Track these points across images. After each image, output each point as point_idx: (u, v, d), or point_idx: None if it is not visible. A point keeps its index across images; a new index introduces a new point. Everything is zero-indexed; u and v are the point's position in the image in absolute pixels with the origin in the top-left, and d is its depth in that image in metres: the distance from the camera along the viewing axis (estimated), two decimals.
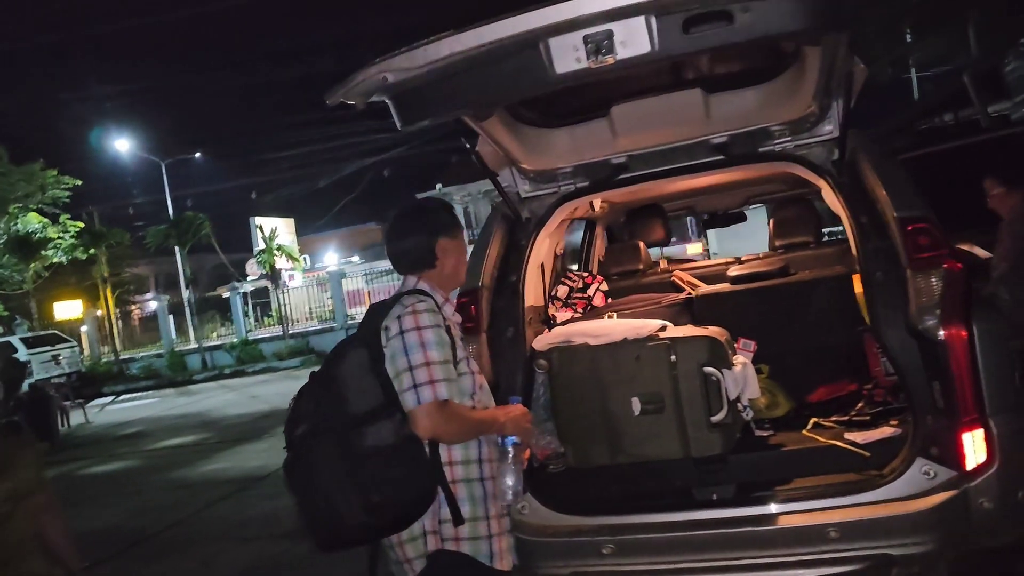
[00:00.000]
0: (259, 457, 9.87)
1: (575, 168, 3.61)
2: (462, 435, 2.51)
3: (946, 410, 2.82)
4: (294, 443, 2.51)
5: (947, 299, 2.81)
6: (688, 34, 2.31)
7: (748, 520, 2.98)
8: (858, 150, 3.21)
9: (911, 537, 2.81)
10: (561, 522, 3.16)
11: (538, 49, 2.39)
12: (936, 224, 2.92)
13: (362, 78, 2.50)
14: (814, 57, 2.96)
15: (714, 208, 6.17)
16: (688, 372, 3.13)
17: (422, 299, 2.51)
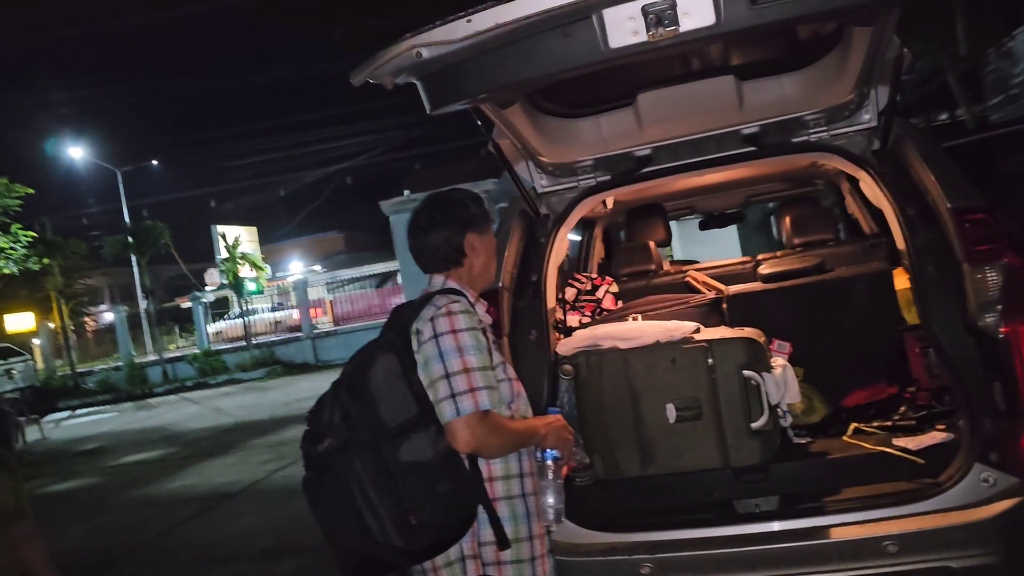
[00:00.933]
0: (228, 473, 9.54)
1: (596, 161, 3.40)
2: (504, 448, 2.28)
3: (1008, 412, 2.66)
4: (316, 459, 2.26)
5: (1008, 294, 2.65)
6: (756, 4, 2.11)
7: (797, 534, 2.79)
8: (903, 139, 3.05)
9: (973, 548, 2.64)
10: (593, 540, 2.94)
11: (591, 20, 2.17)
12: (994, 215, 2.76)
13: (393, 54, 2.26)
14: (861, 41, 2.79)
15: (714, 208, 6.03)
16: (727, 376, 2.94)
17: (456, 299, 2.28)
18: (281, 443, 10.86)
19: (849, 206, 4.85)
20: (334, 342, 22.01)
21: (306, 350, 21.90)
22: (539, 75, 2.39)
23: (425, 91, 2.44)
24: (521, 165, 3.41)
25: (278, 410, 14.27)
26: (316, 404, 2.37)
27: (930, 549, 2.65)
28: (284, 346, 22.26)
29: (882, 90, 3.08)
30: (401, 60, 2.28)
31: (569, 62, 2.29)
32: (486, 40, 2.20)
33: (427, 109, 2.49)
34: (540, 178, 3.48)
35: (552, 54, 2.26)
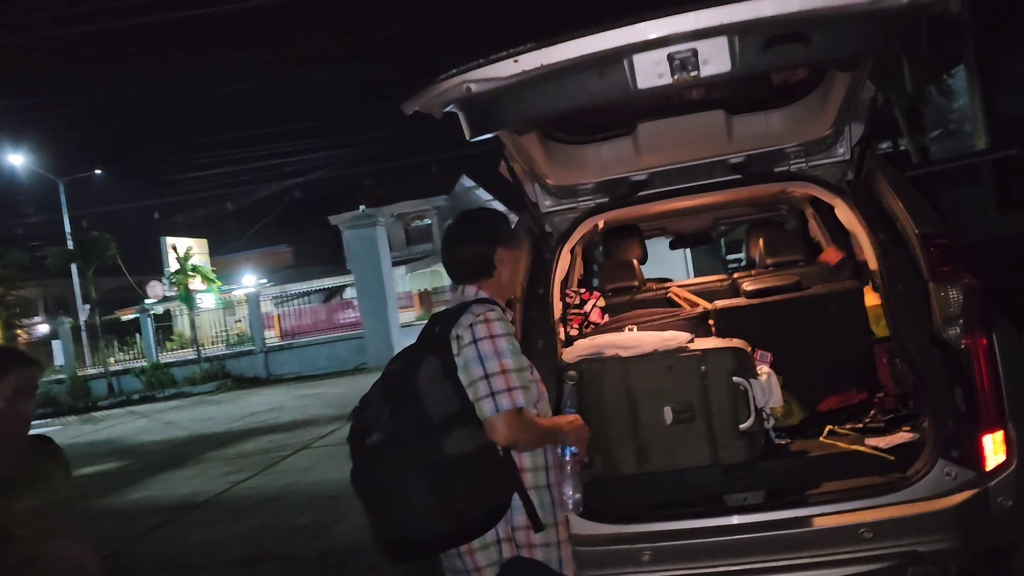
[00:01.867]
0: (189, 484, 9.50)
1: (596, 184, 3.69)
2: (536, 443, 2.52)
3: (967, 414, 3.01)
4: (364, 452, 2.46)
5: (968, 310, 3.01)
6: (766, 53, 2.44)
7: (783, 523, 3.10)
8: (874, 170, 3.41)
9: (938, 534, 2.98)
10: (597, 531, 3.20)
11: (622, 64, 2.47)
12: (955, 240, 3.13)
13: (444, 88, 2.52)
14: (841, 83, 3.15)
15: (684, 230, 6.38)
16: (718, 382, 3.24)
17: (492, 308, 2.51)
18: (241, 455, 10.86)
19: (812, 229, 5.24)
20: (287, 356, 21.85)
21: (258, 364, 21.70)
22: (573, 108, 2.68)
23: (468, 120, 2.70)
24: (528, 186, 3.68)
25: (233, 423, 14.18)
26: (360, 402, 2.56)
27: (901, 535, 2.99)
28: (235, 360, 21.99)
29: (856, 126, 3.45)
30: (452, 93, 2.54)
31: (600, 98, 2.57)
32: (529, 78, 2.47)
33: (467, 136, 2.74)
34: (544, 199, 3.75)
35: (586, 91, 2.54)
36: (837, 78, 3.16)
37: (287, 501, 7.92)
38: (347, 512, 6.94)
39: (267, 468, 9.68)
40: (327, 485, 8.21)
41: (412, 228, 43.22)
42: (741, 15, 2.36)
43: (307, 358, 21.47)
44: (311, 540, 6.44)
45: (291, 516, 7.32)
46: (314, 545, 6.29)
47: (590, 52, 2.41)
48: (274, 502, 7.97)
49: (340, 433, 11.31)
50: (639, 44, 2.41)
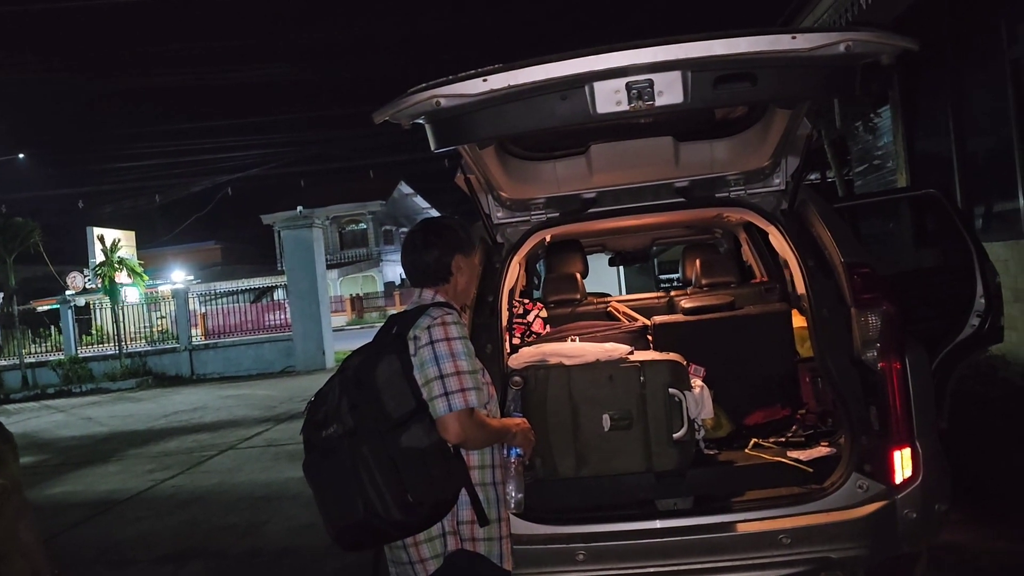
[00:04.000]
0: (111, 481, 9.29)
1: (548, 199, 3.86)
2: (485, 442, 2.65)
3: (880, 431, 3.26)
4: (320, 443, 2.56)
5: (885, 335, 3.27)
6: (716, 90, 2.64)
7: (708, 528, 3.29)
8: (806, 201, 3.67)
9: (849, 542, 3.22)
10: (534, 531, 3.34)
11: (584, 90, 2.64)
12: (876, 270, 3.39)
13: (415, 101, 2.64)
14: (781, 119, 3.39)
15: (622, 247, 6.62)
16: (655, 392, 3.44)
17: (449, 311, 2.64)
18: (164, 453, 10.66)
19: (745, 253, 5.52)
20: (212, 355, 21.39)
21: (182, 362, 21.21)
22: (535, 128, 2.84)
23: (434, 132, 2.83)
24: (482, 197, 3.83)
25: (155, 422, 13.88)
26: (316, 396, 2.66)
27: (816, 542, 3.21)
28: (158, 357, 21.43)
29: (792, 159, 3.70)
30: (422, 107, 2.67)
31: (561, 120, 2.74)
32: (496, 97, 2.63)
33: (432, 147, 2.87)
34: (497, 210, 3.90)
35: (549, 112, 2.71)
36: (777, 114, 3.40)
37: (214, 500, 7.85)
38: (276, 513, 6.94)
39: (192, 467, 9.54)
40: (255, 486, 8.16)
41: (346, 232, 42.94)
42: (695, 52, 2.56)
43: (232, 358, 21.10)
44: (240, 539, 6.42)
45: (219, 515, 7.26)
46: (243, 544, 6.28)
47: (554, 76, 2.58)
48: (200, 501, 7.88)
49: (267, 435, 11.22)
50: (601, 72, 2.59)
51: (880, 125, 10.30)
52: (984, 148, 8.32)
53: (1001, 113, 7.47)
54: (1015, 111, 7.26)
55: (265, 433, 11.40)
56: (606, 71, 2.58)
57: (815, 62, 2.63)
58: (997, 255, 7.31)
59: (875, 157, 10.83)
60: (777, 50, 2.57)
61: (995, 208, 8.17)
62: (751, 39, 2.56)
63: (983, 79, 7.96)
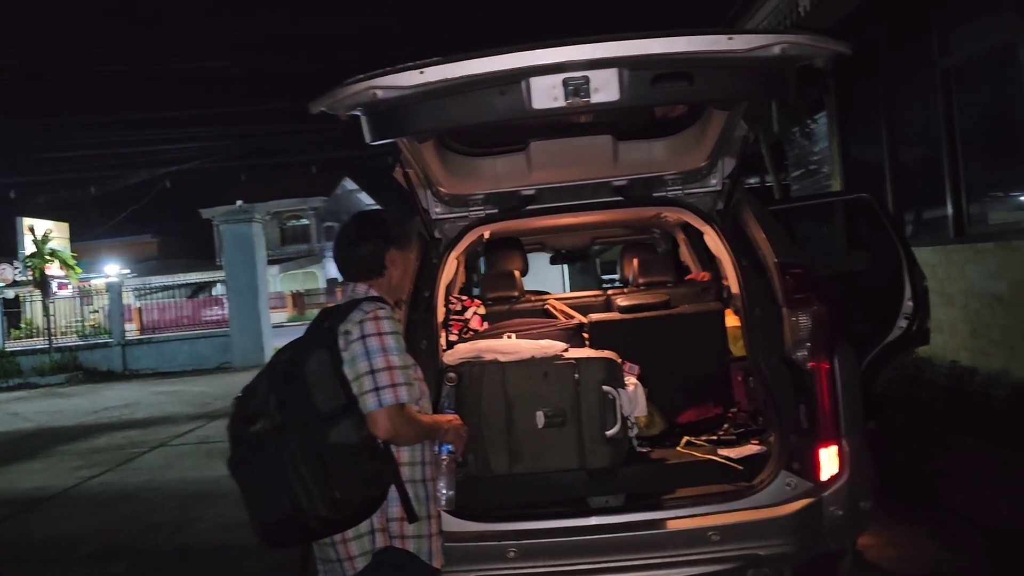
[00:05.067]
0: (36, 478, 9.00)
1: (487, 196, 3.84)
2: (416, 438, 2.62)
3: (808, 430, 3.31)
4: (247, 439, 2.50)
5: (815, 335, 3.32)
6: (653, 88, 2.65)
7: (639, 525, 3.31)
8: (742, 202, 3.71)
9: (776, 539, 3.26)
10: (465, 528, 3.31)
11: (520, 85, 2.62)
12: (809, 270, 3.44)
13: (352, 91, 2.60)
14: (718, 120, 3.43)
15: (562, 246, 6.63)
16: (589, 390, 3.44)
17: (382, 306, 2.60)
18: (93, 450, 10.37)
19: (682, 253, 5.58)
20: (146, 350, 20.89)
21: (114, 357, 20.64)
22: (472, 122, 2.82)
23: (370, 124, 2.79)
24: (420, 193, 3.79)
25: (85, 417, 13.51)
26: (244, 391, 2.60)
27: (744, 539, 3.25)
28: (89, 352, 20.83)
29: (728, 161, 3.74)
30: (358, 97, 2.62)
31: (498, 115, 2.72)
32: (433, 90, 2.60)
33: (367, 139, 2.82)
34: (436, 206, 3.87)
35: (486, 106, 2.68)
36: (714, 115, 3.43)
37: (143, 498, 7.67)
38: (207, 510, 6.80)
39: (121, 464, 9.31)
40: (186, 483, 8.00)
41: (288, 227, 42.37)
42: (632, 50, 2.56)
43: (167, 354, 20.64)
44: (169, 537, 6.27)
45: (147, 513, 7.10)
46: (172, 542, 6.14)
47: (492, 70, 2.55)
48: (129, 499, 7.69)
49: (199, 432, 11.00)
50: (537, 67, 2.57)
51: (816, 131, 10.51)
52: (915, 156, 8.54)
53: (932, 122, 7.67)
54: (945, 120, 7.46)
55: (198, 430, 11.18)
56: (543, 66, 2.57)
57: (751, 63, 2.66)
58: (926, 260, 7.52)
59: (811, 162, 11.05)
60: (714, 50, 2.59)
61: (925, 214, 8.40)
62: (688, 39, 2.58)
63: (915, 88, 8.16)
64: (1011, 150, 6.56)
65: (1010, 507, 4.60)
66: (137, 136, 29.29)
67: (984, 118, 7.25)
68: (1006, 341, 6.55)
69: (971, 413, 5.56)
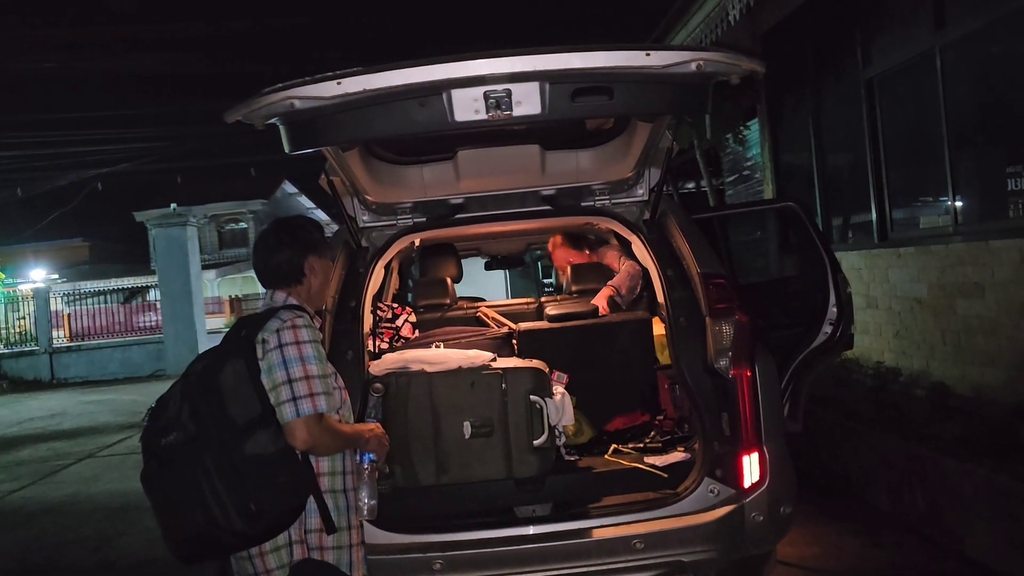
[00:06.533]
0: None
1: (415, 204, 3.82)
2: (335, 448, 2.59)
3: (731, 437, 3.36)
4: (159, 451, 2.44)
5: (737, 344, 3.38)
6: (574, 102, 2.66)
7: (565, 534, 3.32)
8: (667, 213, 3.75)
9: (700, 546, 3.30)
10: (391, 540, 3.29)
11: (441, 97, 2.61)
12: (731, 280, 3.50)
13: (268, 101, 2.55)
14: (643, 131, 3.46)
15: (498, 252, 6.63)
16: (516, 399, 3.44)
17: (300, 314, 2.57)
18: (15, 463, 10.01)
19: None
20: (75, 358, 20.25)
21: (41, 365, 19.96)
22: (392, 133, 2.80)
23: (288, 134, 2.74)
24: (347, 201, 3.75)
25: (7, 429, 13.01)
26: (157, 402, 2.55)
27: (668, 546, 3.29)
28: (14, 360, 20.10)
29: (654, 171, 3.78)
30: (275, 107, 2.58)
31: (419, 127, 2.70)
32: (352, 100, 2.56)
33: (287, 149, 2.78)
34: (363, 214, 3.83)
35: (406, 118, 2.66)
36: (639, 127, 3.47)
37: (67, 512, 7.42)
38: (133, 524, 6.61)
39: (45, 477, 9.00)
40: (113, 496, 7.77)
41: (226, 231, 41.56)
42: (552, 64, 2.57)
43: (98, 362, 20.04)
44: (92, 553, 6.08)
45: (71, 528, 6.87)
46: (95, 558, 5.95)
47: (411, 82, 2.54)
48: (51, 513, 7.43)
49: (129, 442, 10.69)
50: (458, 80, 2.56)
51: (749, 137, 10.71)
52: (842, 162, 8.77)
53: (856, 130, 7.88)
54: (868, 128, 7.68)
55: (127, 440, 10.86)
56: (464, 79, 2.56)
57: (668, 79, 2.69)
58: (852, 264, 7.75)
59: (745, 168, 11.26)
60: (632, 66, 2.62)
61: (851, 219, 8.62)
62: (607, 54, 2.60)
63: (841, 97, 8.38)
64: (930, 157, 6.78)
65: (927, 504, 4.75)
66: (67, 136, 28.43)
67: (905, 126, 7.48)
68: (926, 342, 6.77)
69: (894, 412, 5.72)
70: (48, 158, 28.07)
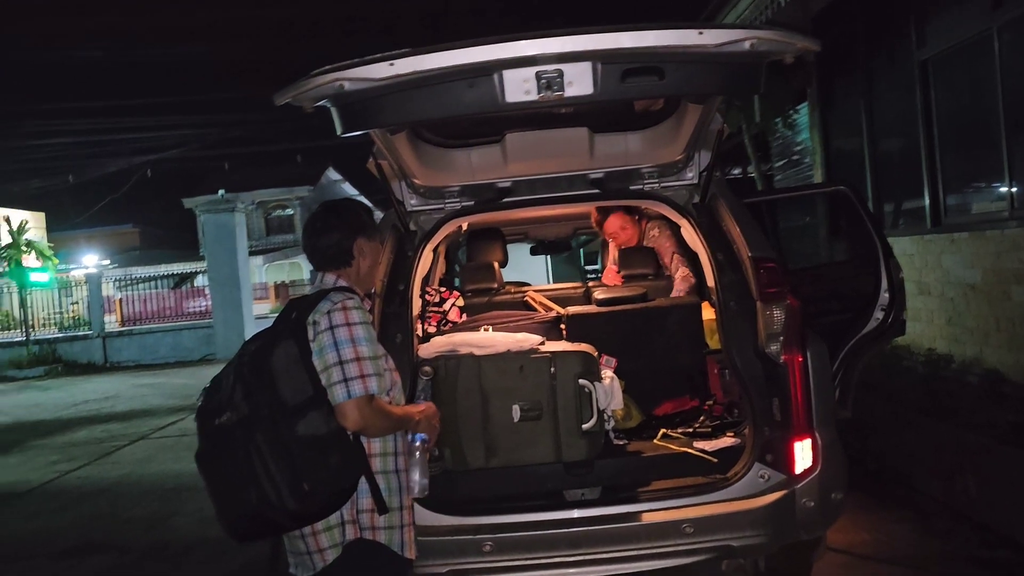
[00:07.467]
0: (11, 473, 8.92)
1: (463, 188, 3.83)
2: (386, 430, 2.60)
3: (782, 422, 3.33)
4: (213, 432, 2.48)
5: (788, 328, 3.33)
6: (624, 82, 2.64)
7: (614, 518, 3.32)
8: (717, 196, 3.71)
9: (749, 530, 3.28)
10: (441, 522, 3.32)
11: (492, 78, 2.61)
12: (781, 264, 3.45)
13: (317, 83, 2.57)
14: (693, 112, 3.42)
15: (544, 236, 6.62)
16: (565, 383, 3.44)
17: (351, 296, 2.59)
18: (71, 444, 10.30)
19: None
20: (127, 342, 20.72)
21: (94, 349, 20.47)
22: (443, 115, 2.80)
23: (340, 117, 2.75)
24: (395, 184, 3.77)
25: (63, 411, 13.39)
26: (212, 383, 2.57)
27: (718, 530, 3.27)
28: (68, 344, 20.62)
29: (704, 154, 3.74)
30: (324, 89, 2.59)
31: (470, 108, 2.70)
32: (402, 82, 2.57)
33: (337, 132, 2.80)
34: (411, 198, 3.85)
35: (457, 100, 2.67)
36: (690, 108, 3.43)
37: (121, 492, 7.62)
38: (185, 504, 6.77)
39: (100, 458, 9.25)
40: (165, 477, 7.96)
41: (273, 217, 42.08)
42: (604, 44, 2.55)
43: (149, 346, 20.49)
44: (146, 532, 6.24)
45: (125, 507, 7.06)
46: (149, 536, 6.11)
47: (463, 63, 2.54)
48: (107, 493, 7.64)
49: (180, 425, 10.93)
50: (509, 60, 2.56)
51: (799, 121, 10.54)
52: (894, 146, 8.59)
53: (910, 113, 7.71)
54: (922, 111, 7.51)
55: (179, 423, 11.11)
56: (516, 59, 2.56)
57: (721, 58, 2.65)
58: (904, 249, 7.59)
59: (794, 152, 11.08)
60: (684, 45, 2.59)
61: (903, 204, 8.45)
62: (659, 33, 2.57)
63: (894, 79, 8.20)
64: (986, 141, 6.61)
65: (979, 491, 4.66)
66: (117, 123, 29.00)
67: (960, 109, 7.29)
68: (980, 329, 6.63)
69: (946, 399, 5.61)
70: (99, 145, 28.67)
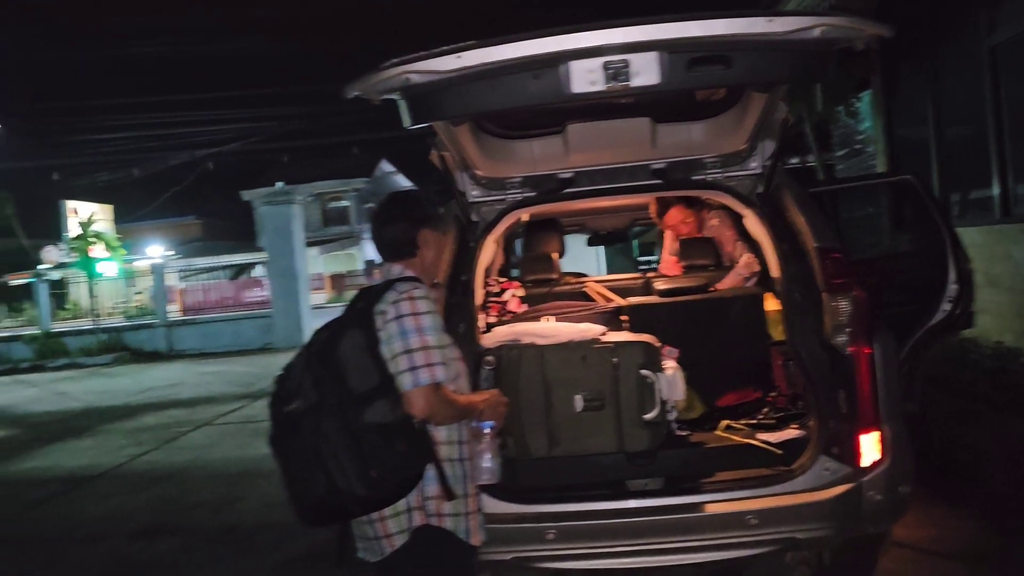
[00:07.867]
0: (84, 456, 9.25)
1: (524, 178, 3.85)
2: (452, 418, 2.64)
3: (848, 415, 3.29)
4: (283, 419, 2.54)
5: (855, 320, 3.29)
6: (691, 72, 2.63)
7: (678, 508, 3.31)
8: (782, 186, 3.67)
9: (814, 523, 3.25)
10: (505, 510, 3.34)
11: (558, 69, 2.62)
12: (847, 255, 3.41)
13: (386, 76, 2.61)
14: (757, 101, 3.39)
15: (602, 228, 6.61)
16: (627, 373, 3.44)
17: (417, 286, 2.62)
18: (139, 429, 10.61)
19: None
20: (190, 331, 21.26)
21: (159, 338, 21.05)
22: (509, 106, 2.82)
23: (407, 109, 2.80)
24: (457, 176, 3.80)
25: (131, 397, 13.80)
26: (284, 370, 2.64)
27: (782, 523, 3.24)
28: (134, 332, 21.26)
29: (768, 143, 3.70)
30: (392, 82, 2.64)
31: (536, 99, 2.72)
32: (469, 74, 2.60)
33: (405, 124, 2.84)
34: (473, 189, 3.89)
35: (523, 91, 2.68)
36: (754, 97, 3.40)
37: (188, 476, 7.84)
38: (250, 490, 6.94)
39: (167, 443, 9.52)
40: (230, 462, 8.15)
41: (329, 209, 42.65)
42: (671, 33, 2.54)
43: (211, 334, 20.99)
44: (213, 515, 6.41)
45: (192, 491, 7.26)
46: (216, 520, 6.27)
47: (530, 54, 2.55)
48: (174, 477, 7.87)
49: (243, 411, 11.19)
50: (576, 51, 2.56)
51: (861, 110, 10.32)
52: (961, 135, 8.37)
53: (978, 101, 7.51)
54: (991, 99, 7.30)
55: (242, 410, 11.37)
56: (582, 50, 2.56)
57: (790, 46, 2.62)
58: (971, 240, 7.35)
59: (856, 141, 10.87)
60: (752, 33, 2.57)
61: (971, 194, 8.24)
62: (727, 21, 2.55)
63: (961, 66, 7.99)
64: None
65: None
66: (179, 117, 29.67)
67: None
68: None
69: (1014, 394, 5.46)
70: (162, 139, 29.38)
